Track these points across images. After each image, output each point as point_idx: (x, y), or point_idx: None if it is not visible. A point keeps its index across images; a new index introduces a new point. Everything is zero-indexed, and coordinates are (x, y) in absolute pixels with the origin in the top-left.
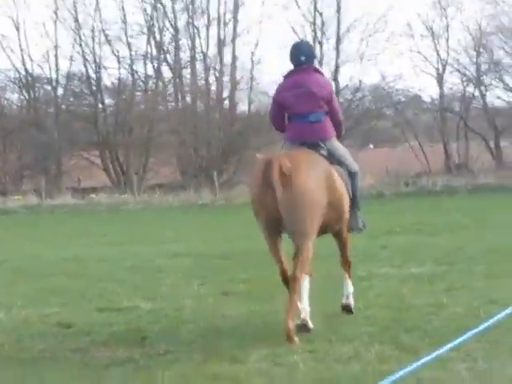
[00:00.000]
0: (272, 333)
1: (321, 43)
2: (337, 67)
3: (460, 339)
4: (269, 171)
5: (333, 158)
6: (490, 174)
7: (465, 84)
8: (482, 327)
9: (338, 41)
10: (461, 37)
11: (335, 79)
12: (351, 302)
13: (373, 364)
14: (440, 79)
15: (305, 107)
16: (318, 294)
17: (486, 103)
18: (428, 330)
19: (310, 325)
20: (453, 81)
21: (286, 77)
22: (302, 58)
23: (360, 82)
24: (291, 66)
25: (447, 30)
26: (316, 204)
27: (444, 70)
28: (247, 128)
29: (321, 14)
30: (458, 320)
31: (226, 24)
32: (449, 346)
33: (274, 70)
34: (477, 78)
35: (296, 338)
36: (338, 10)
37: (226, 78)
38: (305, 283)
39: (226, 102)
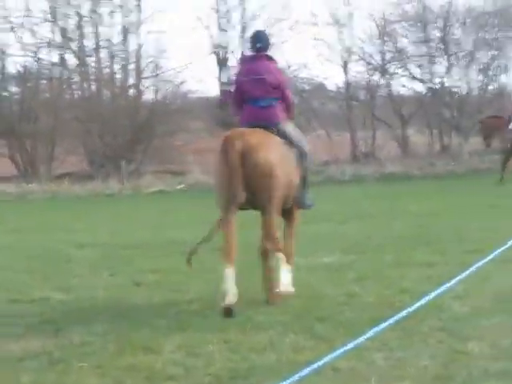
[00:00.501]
0: (185, 323)
1: (225, 31)
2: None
3: (375, 329)
4: (229, 147)
5: (284, 139)
6: (397, 162)
7: (370, 73)
8: (396, 317)
9: (244, 29)
10: (365, 25)
11: None
12: (289, 288)
13: (288, 354)
14: (345, 68)
15: (257, 93)
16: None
17: (391, 91)
18: (341, 319)
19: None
20: (358, 69)
21: (242, 63)
22: (258, 45)
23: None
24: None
25: (351, 19)
26: (278, 176)
27: (349, 58)
28: (153, 116)
29: (225, 2)
30: (371, 309)
31: (130, 11)
32: (365, 336)
33: (178, 57)
34: (382, 66)
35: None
36: None
37: (131, 66)
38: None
39: (132, 90)
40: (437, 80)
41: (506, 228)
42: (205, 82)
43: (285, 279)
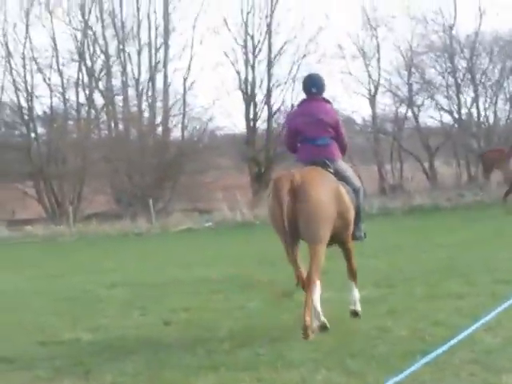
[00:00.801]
0: (217, 361)
1: (253, 67)
2: (269, 91)
3: (412, 367)
4: (280, 186)
5: (339, 176)
6: (425, 194)
7: (397, 105)
8: (434, 353)
9: (270, 64)
10: (392, 57)
11: (267, 103)
12: (359, 308)
13: None
14: (372, 100)
15: (314, 132)
16: (263, 318)
17: (418, 123)
18: (374, 354)
19: (327, 324)
20: (385, 101)
21: (299, 105)
22: (313, 90)
23: (292, 105)
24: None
25: (378, 51)
26: (328, 214)
27: (376, 90)
28: (181, 154)
29: (252, 37)
30: (403, 343)
31: (157, 49)
32: (404, 373)
33: (206, 94)
34: (409, 98)
35: (312, 335)
36: (269, 33)
37: (158, 104)
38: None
39: (160, 129)
40: (464, 110)
41: None
42: (232, 118)
43: (356, 297)
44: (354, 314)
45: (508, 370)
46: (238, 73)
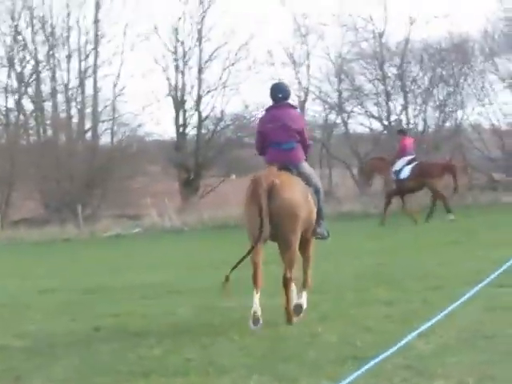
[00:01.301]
0: (147, 368)
1: (183, 73)
2: (199, 97)
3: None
4: (257, 187)
5: (302, 177)
6: (354, 200)
7: (327, 111)
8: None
9: (200, 70)
10: (322, 64)
11: (197, 109)
12: (305, 304)
13: None
14: (302, 107)
15: (281, 137)
16: (192, 323)
17: (348, 130)
18: (306, 359)
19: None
20: (315, 108)
21: (267, 110)
22: (279, 96)
23: (222, 111)
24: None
25: (308, 58)
26: (300, 215)
27: (306, 97)
28: (110, 160)
29: (182, 44)
30: (335, 349)
31: (87, 55)
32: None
33: (136, 100)
34: (339, 104)
35: (295, 319)
36: (199, 39)
37: (88, 110)
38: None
39: (89, 134)
40: (393, 117)
41: (466, 264)
42: (162, 124)
43: (304, 302)
44: (299, 306)
45: (440, 376)
46: (168, 79)
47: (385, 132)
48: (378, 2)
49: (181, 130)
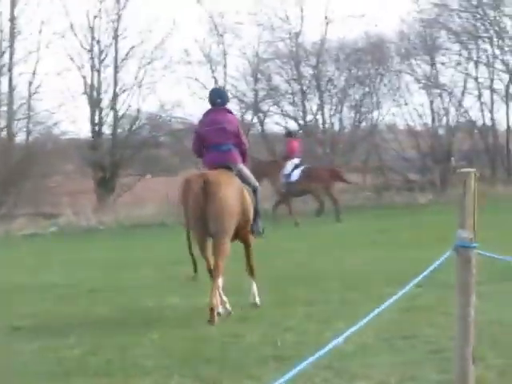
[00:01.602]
0: (67, 368)
1: (99, 71)
2: (115, 95)
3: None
4: (191, 186)
5: (240, 177)
6: (269, 200)
7: (243, 111)
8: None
9: (116, 69)
10: (239, 63)
11: (113, 108)
12: (258, 301)
13: None
14: None
15: (218, 140)
16: (112, 323)
17: (264, 130)
18: (227, 360)
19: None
20: (231, 107)
21: (205, 115)
22: (218, 101)
23: (138, 110)
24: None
25: (225, 57)
26: (234, 212)
27: None
28: (25, 158)
29: (98, 42)
30: (256, 349)
31: (2, 53)
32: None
33: (52, 99)
34: (255, 104)
35: (217, 319)
36: (115, 38)
37: (2, 108)
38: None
39: (4, 133)
40: (309, 117)
41: (385, 265)
42: (77, 122)
43: (255, 291)
44: (255, 306)
45: (361, 377)
46: (84, 77)
47: (300, 132)
48: (294, 2)
49: (96, 128)
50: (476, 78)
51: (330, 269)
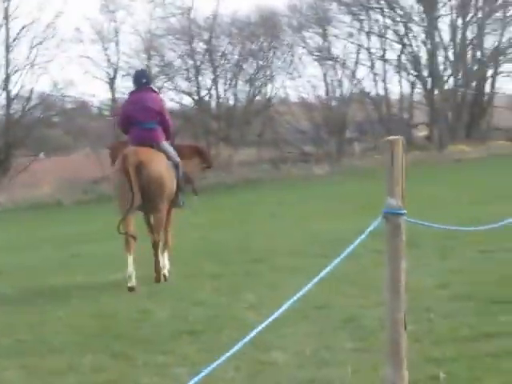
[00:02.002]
0: None
1: None
2: (7, 76)
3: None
4: (129, 162)
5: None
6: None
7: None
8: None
9: (8, 49)
10: (132, 40)
11: (5, 89)
12: (166, 271)
13: (89, 375)
14: (112, 84)
15: (142, 117)
16: (19, 303)
17: None
18: (138, 336)
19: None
20: (126, 85)
21: (131, 94)
22: (143, 80)
23: (31, 90)
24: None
25: (117, 34)
26: (167, 186)
27: (115, 74)
28: None
29: None
30: (167, 324)
31: None
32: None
33: None
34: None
35: (162, 279)
36: (6, 18)
37: None
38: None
39: None
40: (204, 92)
41: (285, 237)
42: None
43: (167, 263)
44: (164, 276)
45: (277, 348)
46: None
47: (195, 107)
48: None
49: None
50: (368, 49)
51: (232, 242)
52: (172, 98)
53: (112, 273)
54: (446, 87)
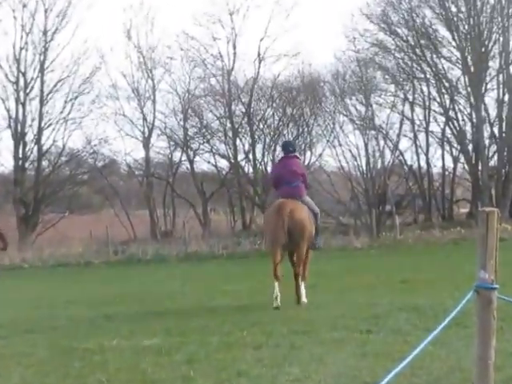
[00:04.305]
0: None
1: (24, 104)
2: (40, 130)
3: None
4: (282, 209)
5: (306, 205)
6: (200, 241)
7: (172, 148)
8: None
9: (42, 102)
10: (169, 99)
11: (37, 143)
12: (305, 299)
13: None
14: (146, 143)
15: (290, 178)
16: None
17: (193, 168)
18: None
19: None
20: (160, 145)
21: (280, 160)
22: (290, 149)
23: (64, 145)
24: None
25: (154, 93)
26: (308, 228)
27: (150, 133)
28: None
29: (23, 75)
30: None
31: None
32: None
33: None
34: (184, 141)
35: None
36: (42, 71)
37: None
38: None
39: None
40: (241, 156)
41: (329, 308)
42: (0, 157)
43: (303, 291)
44: (303, 304)
45: None
46: (8, 110)
47: (231, 171)
48: (227, 39)
49: (20, 163)
50: (412, 120)
51: (274, 311)
52: (208, 159)
53: (147, 337)
54: (490, 163)
